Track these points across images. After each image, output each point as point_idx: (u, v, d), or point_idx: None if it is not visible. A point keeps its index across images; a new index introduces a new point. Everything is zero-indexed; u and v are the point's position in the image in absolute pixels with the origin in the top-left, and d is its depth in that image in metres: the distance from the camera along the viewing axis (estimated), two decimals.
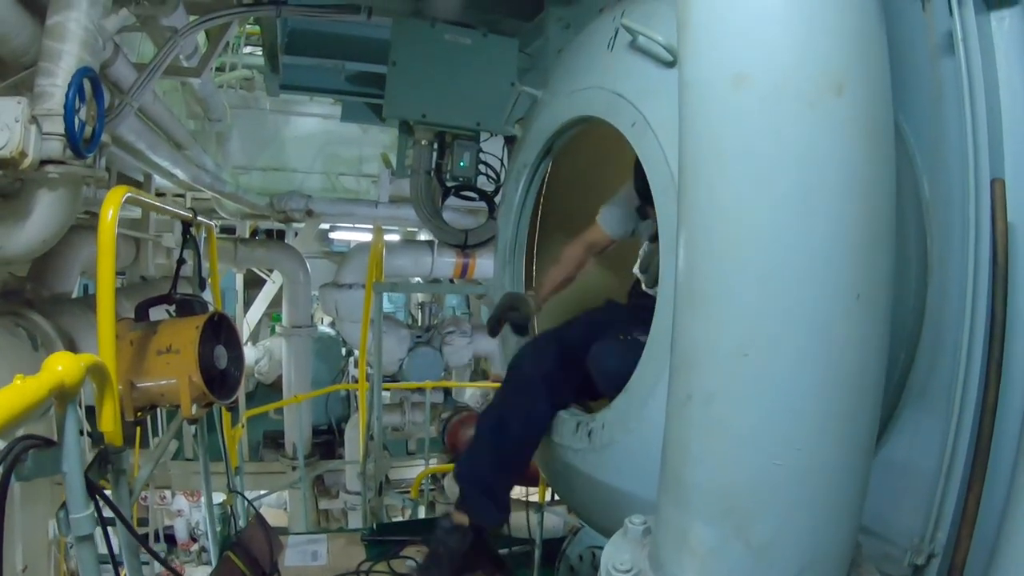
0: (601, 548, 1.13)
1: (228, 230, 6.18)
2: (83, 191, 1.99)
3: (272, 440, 6.39)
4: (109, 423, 1.21)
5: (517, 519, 3.34)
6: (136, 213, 4.02)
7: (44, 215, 1.87)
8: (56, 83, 1.74)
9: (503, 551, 2.72)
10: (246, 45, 6.30)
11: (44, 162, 1.73)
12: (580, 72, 1.99)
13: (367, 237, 5.81)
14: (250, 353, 7.23)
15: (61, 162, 1.75)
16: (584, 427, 1.87)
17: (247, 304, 7.51)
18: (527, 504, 3.31)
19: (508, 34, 2.95)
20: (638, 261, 1.86)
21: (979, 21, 1.22)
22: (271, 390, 7.35)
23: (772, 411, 0.82)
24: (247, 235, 6.19)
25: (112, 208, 1.37)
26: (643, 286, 1.89)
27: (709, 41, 0.89)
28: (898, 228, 1.31)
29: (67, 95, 1.65)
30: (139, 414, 2.00)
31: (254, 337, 7.80)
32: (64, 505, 1.05)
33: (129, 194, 1.52)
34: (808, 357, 0.81)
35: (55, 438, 1.01)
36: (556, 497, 3.39)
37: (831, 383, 0.82)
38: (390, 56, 2.71)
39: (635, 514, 1.14)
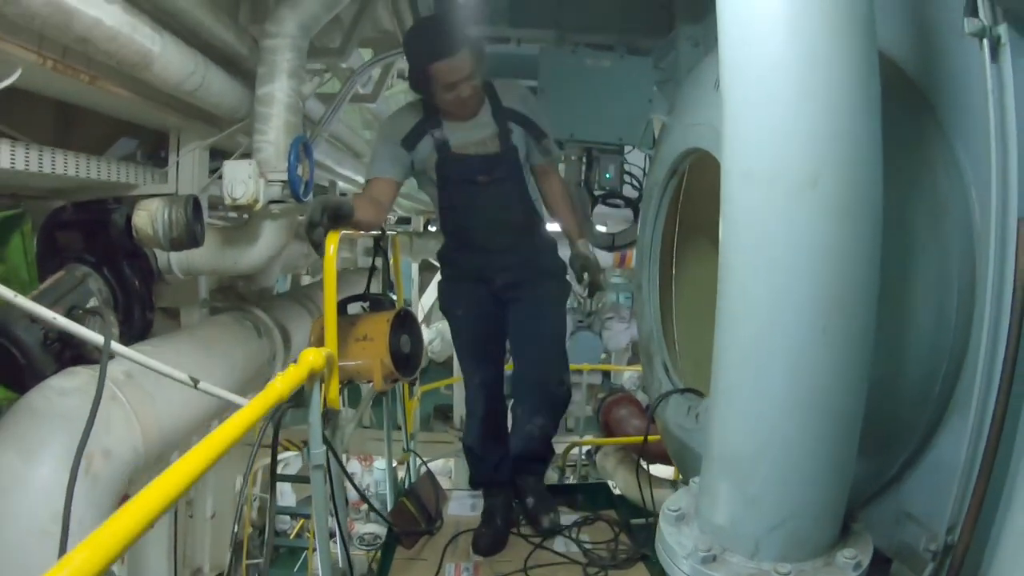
0: None
1: (404, 220, 7.19)
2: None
3: (441, 413, 7.35)
4: (332, 393, 1.88)
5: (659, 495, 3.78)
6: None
7: (268, 239, 2.65)
8: (268, 139, 2.43)
9: (638, 521, 3.19)
10: None
11: (269, 202, 2.44)
12: (695, 107, 2.37)
13: None
14: (424, 334, 8.23)
15: (281, 201, 2.47)
16: (693, 410, 2.30)
17: (422, 289, 8.55)
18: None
19: (643, 51, 3.36)
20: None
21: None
22: (442, 368, 8.35)
23: (762, 405, 1.26)
24: (421, 228, 7.12)
25: (332, 245, 2.05)
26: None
27: (730, 142, 1.30)
28: (941, 256, 1.59)
29: (289, 158, 2.33)
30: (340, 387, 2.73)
31: (427, 319, 8.85)
32: (306, 443, 1.72)
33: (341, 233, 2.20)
34: (785, 370, 1.23)
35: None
36: None
37: (803, 390, 1.23)
38: (538, 83, 3.24)
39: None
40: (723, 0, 1.33)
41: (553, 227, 3.01)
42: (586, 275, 2.85)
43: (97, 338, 1.48)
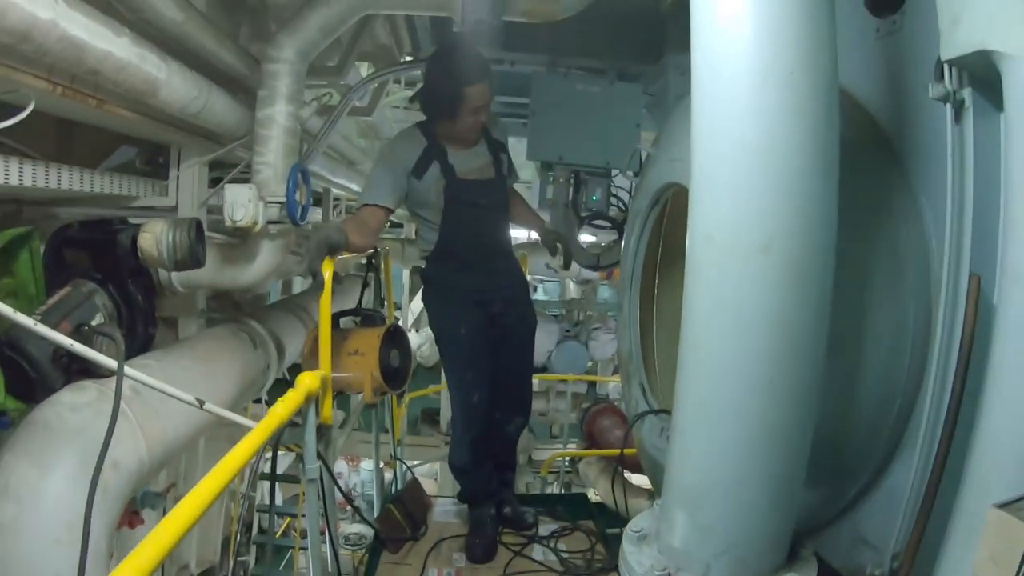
0: None
1: (396, 225, 7.33)
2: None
3: (429, 417, 7.47)
4: (326, 410, 2.00)
5: (638, 504, 3.93)
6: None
7: (266, 257, 2.76)
8: (267, 161, 2.54)
9: (614, 531, 3.32)
10: None
11: (267, 223, 2.56)
12: (676, 141, 2.50)
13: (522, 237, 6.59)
14: (413, 339, 8.36)
15: (279, 222, 2.59)
16: (665, 431, 2.44)
17: (412, 293, 8.65)
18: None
19: (633, 77, 3.49)
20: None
21: (985, 123, 1.43)
22: (431, 372, 8.45)
23: (712, 445, 1.40)
24: (413, 235, 7.25)
25: (328, 272, 2.18)
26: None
27: (695, 206, 1.43)
28: (899, 302, 1.72)
29: (288, 186, 2.44)
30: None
31: (417, 324, 8.95)
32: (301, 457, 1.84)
33: (337, 257, 2.32)
34: (734, 415, 1.38)
35: None
36: None
37: (749, 433, 1.38)
38: (530, 106, 3.36)
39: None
40: (697, 67, 1.47)
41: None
42: (559, 245, 3.09)
43: (111, 362, 1.59)
